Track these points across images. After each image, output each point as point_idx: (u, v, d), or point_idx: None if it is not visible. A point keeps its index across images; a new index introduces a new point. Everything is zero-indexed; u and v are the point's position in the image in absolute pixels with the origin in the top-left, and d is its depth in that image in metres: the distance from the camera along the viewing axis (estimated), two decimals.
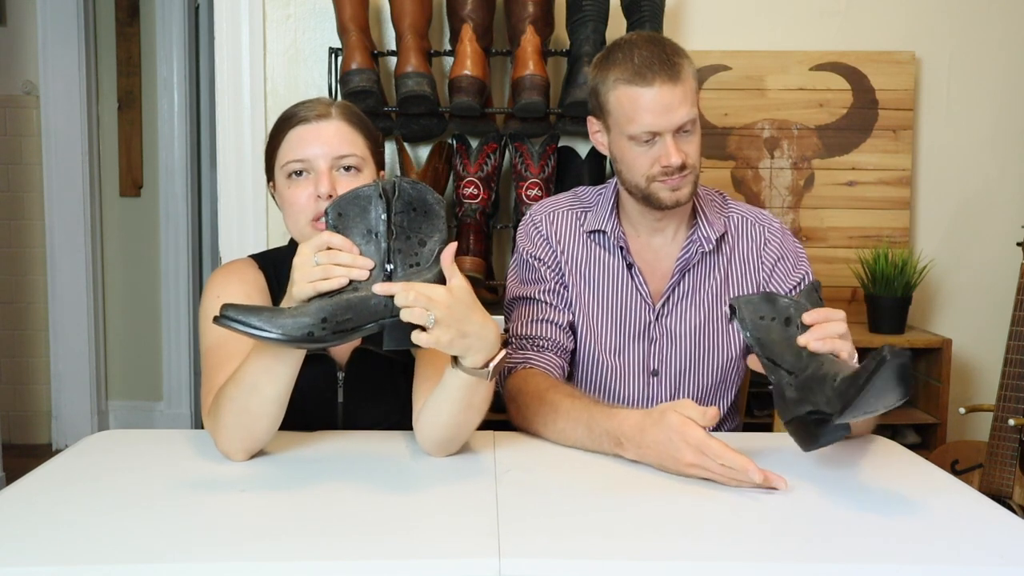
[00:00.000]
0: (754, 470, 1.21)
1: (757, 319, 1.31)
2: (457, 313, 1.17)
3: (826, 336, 1.26)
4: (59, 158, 3.77)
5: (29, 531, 1.06)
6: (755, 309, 1.32)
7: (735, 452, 1.23)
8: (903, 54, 2.63)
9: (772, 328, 1.30)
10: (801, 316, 1.30)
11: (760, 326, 1.31)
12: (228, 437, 1.30)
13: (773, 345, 1.30)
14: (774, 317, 1.31)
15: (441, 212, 1.23)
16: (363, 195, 1.21)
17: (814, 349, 1.26)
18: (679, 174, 1.53)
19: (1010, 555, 1.05)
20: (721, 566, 1.02)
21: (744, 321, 1.32)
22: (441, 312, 1.16)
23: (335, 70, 2.43)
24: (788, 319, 1.30)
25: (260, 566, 0.99)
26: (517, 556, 1.00)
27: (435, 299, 1.16)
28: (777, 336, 1.30)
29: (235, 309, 1.15)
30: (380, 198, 1.21)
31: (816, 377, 1.23)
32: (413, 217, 1.22)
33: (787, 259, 1.67)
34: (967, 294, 2.73)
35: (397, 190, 1.21)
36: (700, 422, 1.26)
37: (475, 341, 1.21)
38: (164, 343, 4.04)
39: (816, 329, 1.27)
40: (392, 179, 1.24)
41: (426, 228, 1.23)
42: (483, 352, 1.23)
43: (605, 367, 1.65)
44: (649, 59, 1.50)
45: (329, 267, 1.18)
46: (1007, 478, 2.26)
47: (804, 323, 1.29)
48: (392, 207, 1.21)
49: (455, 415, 1.30)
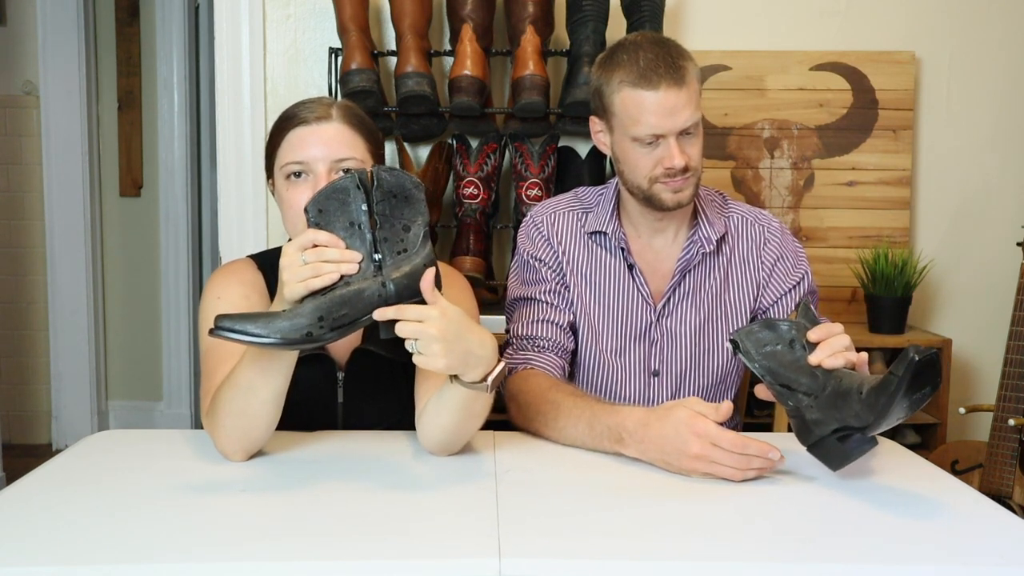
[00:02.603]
0: (773, 450, 1.24)
1: (762, 348, 1.29)
2: (452, 334, 1.17)
3: (836, 351, 1.26)
4: (59, 158, 3.77)
5: (29, 531, 1.06)
6: (758, 339, 1.30)
7: (750, 438, 1.25)
8: (903, 54, 2.63)
9: (779, 354, 1.28)
10: (804, 336, 1.28)
11: (767, 355, 1.29)
12: (226, 438, 1.30)
13: (785, 371, 1.28)
14: (778, 343, 1.29)
15: (421, 196, 1.23)
16: (341, 188, 1.21)
17: (828, 366, 1.25)
18: (682, 176, 1.53)
19: (1010, 555, 1.05)
20: (721, 566, 1.02)
21: (749, 353, 1.30)
22: (434, 335, 1.16)
23: (335, 70, 2.43)
24: (792, 341, 1.28)
25: (260, 566, 0.99)
26: (517, 556, 1.00)
27: (428, 322, 1.16)
28: (786, 361, 1.28)
29: (229, 319, 1.15)
30: (358, 189, 1.20)
31: (839, 393, 1.21)
32: (395, 204, 1.21)
33: (787, 259, 1.67)
34: (967, 294, 2.73)
35: (376, 179, 1.21)
36: (714, 418, 1.27)
37: (472, 360, 1.21)
38: (164, 343, 4.04)
39: (824, 346, 1.27)
40: (368, 168, 1.23)
41: (408, 213, 1.22)
42: (481, 368, 1.23)
43: (606, 368, 1.65)
44: (654, 62, 1.50)
45: (318, 265, 1.18)
46: (1007, 478, 2.26)
47: (810, 341, 1.28)
48: (372, 196, 1.20)
49: (456, 423, 1.31)
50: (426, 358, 1.17)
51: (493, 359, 1.24)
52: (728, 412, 1.28)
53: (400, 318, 1.17)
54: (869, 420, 1.17)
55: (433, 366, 1.18)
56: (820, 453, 1.25)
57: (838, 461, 1.24)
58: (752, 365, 1.30)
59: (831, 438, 1.23)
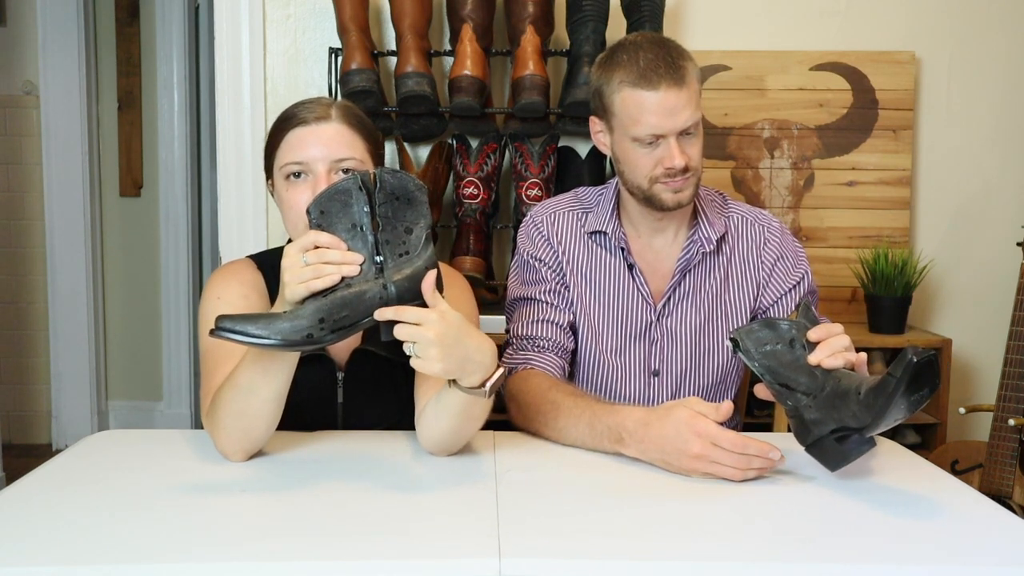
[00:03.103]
0: (774, 450, 1.25)
1: (762, 347, 1.29)
2: (450, 339, 1.17)
3: (836, 351, 1.26)
4: (59, 158, 3.77)
5: (29, 531, 1.06)
6: (758, 338, 1.29)
7: (750, 438, 1.25)
8: (903, 54, 2.63)
9: (779, 353, 1.28)
10: (804, 335, 1.28)
11: (767, 354, 1.28)
12: (226, 438, 1.30)
13: (784, 370, 1.27)
14: (778, 342, 1.28)
15: (424, 198, 1.22)
16: (343, 189, 1.20)
17: (828, 365, 1.25)
18: (682, 176, 1.53)
19: (1010, 555, 1.05)
20: (721, 566, 1.02)
21: (749, 352, 1.29)
22: (432, 338, 1.15)
23: (335, 70, 2.43)
24: (792, 341, 1.28)
25: (260, 566, 0.99)
26: (517, 556, 1.00)
27: (427, 325, 1.16)
28: (786, 360, 1.28)
29: (230, 319, 1.15)
30: (360, 191, 1.20)
31: (837, 393, 1.21)
32: (397, 206, 1.21)
33: (787, 258, 1.67)
34: (967, 294, 2.73)
35: (379, 181, 1.20)
36: (714, 417, 1.27)
37: (470, 365, 1.21)
38: (164, 343, 4.04)
39: (824, 346, 1.27)
40: (370, 171, 1.23)
41: (411, 216, 1.22)
42: (479, 374, 1.23)
43: (606, 367, 1.65)
44: (654, 62, 1.50)
45: (319, 266, 1.18)
46: (1007, 478, 2.26)
47: (810, 340, 1.27)
48: (375, 199, 1.20)
49: (455, 426, 1.31)
50: (423, 362, 1.17)
51: (492, 365, 1.24)
52: (728, 412, 1.28)
53: (399, 319, 1.17)
54: (867, 421, 1.16)
55: (429, 370, 1.18)
56: (818, 453, 1.25)
57: (836, 461, 1.24)
58: (752, 364, 1.30)
59: (829, 438, 1.23)
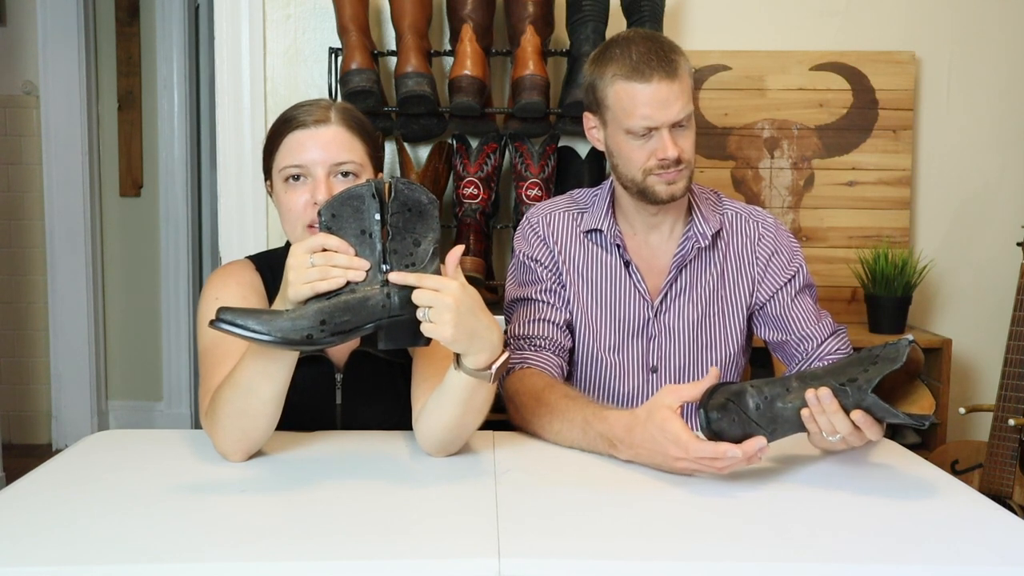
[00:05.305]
0: (732, 448, 1.22)
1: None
2: (465, 308, 1.18)
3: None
4: (59, 158, 3.77)
5: (29, 531, 1.06)
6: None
7: (706, 442, 1.24)
8: (903, 54, 2.63)
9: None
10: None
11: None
12: (225, 438, 1.30)
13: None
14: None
15: (435, 212, 1.24)
16: (356, 195, 1.21)
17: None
18: (675, 168, 1.54)
19: (1010, 555, 1.05)
20: (721, 566, 1.02)
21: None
22: (450, 304, 1.17)
23: (335, 70, 2.43)
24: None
25: (260, 566, 0.99)
26: (517, 556, 1.00)
27: (445, 291, 1.18)
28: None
29: (231, 312, 1.15)
30: (374, 198, 1.21)
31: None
32: (408, 217, 1.22)
33: (782, 253, 1.67)
34: (967, 294, 2.73)
35: (393, 191, 1.22)
36: (696, 394, 1.28)
37: (479, 341, 1.22)
38: (164, 343, 4.04)
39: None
40: (385, 179, 1.24)
41: (420, 228, 1.23)
42: (486, 352, 1.23)
43: (604, 365, 1.65)
44: (646, 55, 1.51)
45: (326, 268, 1.18)
46: (1007, 478, 2.25)
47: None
48: (387, 208, 1.21)
49: (456, 417, 1.30)
50: (435, 326, 1.18)
51: (498, 347, 1.25)
52: (715, 377, 1.29)
53: (419, 285, 1.18)
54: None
55: (441, 334, 1.18)
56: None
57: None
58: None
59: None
